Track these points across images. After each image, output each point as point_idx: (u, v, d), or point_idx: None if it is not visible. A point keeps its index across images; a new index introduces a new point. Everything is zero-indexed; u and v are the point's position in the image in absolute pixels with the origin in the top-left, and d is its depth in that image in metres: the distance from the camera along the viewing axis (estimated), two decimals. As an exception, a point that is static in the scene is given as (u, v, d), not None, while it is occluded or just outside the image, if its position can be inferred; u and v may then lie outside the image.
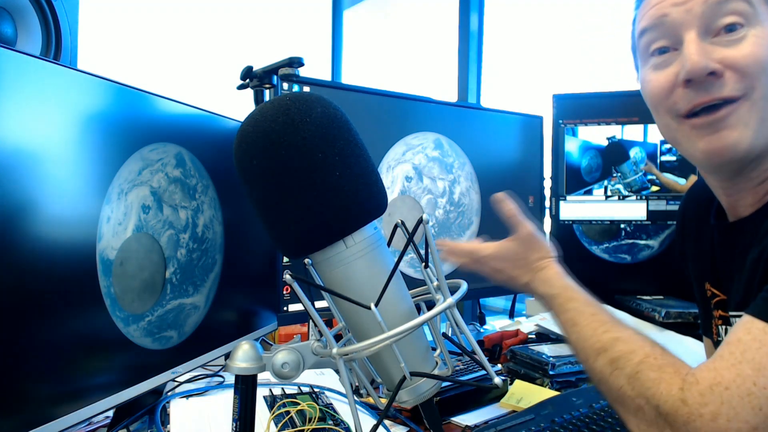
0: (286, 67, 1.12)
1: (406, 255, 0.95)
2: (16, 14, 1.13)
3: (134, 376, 0.84)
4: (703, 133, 0.67)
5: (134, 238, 0.83)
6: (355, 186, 0.54)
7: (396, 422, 0.97)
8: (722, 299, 0.79)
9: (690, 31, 0.66)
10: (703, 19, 0.66)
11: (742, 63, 0.64)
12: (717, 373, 0.55)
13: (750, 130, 0.65)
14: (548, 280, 0.78)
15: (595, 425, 0.87)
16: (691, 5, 0.66)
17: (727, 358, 0.55)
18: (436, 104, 1.36)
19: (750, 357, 0.54)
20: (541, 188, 1.59)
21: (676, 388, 0.56)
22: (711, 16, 0.65)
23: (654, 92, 0.71)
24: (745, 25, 0.65)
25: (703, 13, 0.66)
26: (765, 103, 0.65)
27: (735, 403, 0.52)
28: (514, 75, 2.58)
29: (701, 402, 0.54)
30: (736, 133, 0.65)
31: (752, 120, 0.65)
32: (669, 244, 1.61)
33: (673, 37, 0.69)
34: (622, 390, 0.61)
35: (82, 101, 0.74)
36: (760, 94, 0.65)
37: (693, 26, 0.66)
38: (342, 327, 0.63)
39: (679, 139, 0.71)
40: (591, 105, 1.62)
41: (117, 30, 2.53)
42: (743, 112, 0.65)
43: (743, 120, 0.65)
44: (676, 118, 0.70)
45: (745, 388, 0.52)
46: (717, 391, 0.53)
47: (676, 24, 0.67)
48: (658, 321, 1.39)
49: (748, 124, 0.65)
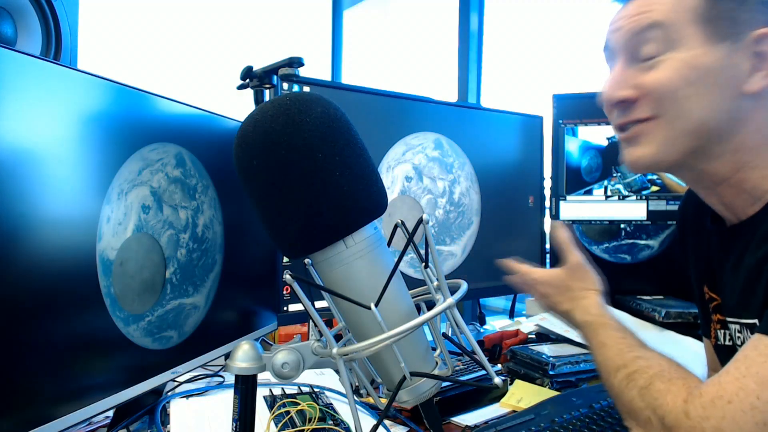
0: (286, 67, 1.12)
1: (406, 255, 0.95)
2: (16, 14, 1.14)
3: (134, 376, 0.84)
4: (624, 147, 0.75)
5: (134, 238, 0.83)
6: (355, 186, 0.54)
7: (396, 422, 0.97)
8: (719, 303, 0.79)
9: (620, 58, 0.73)
10: (628, 46, 0.71)
11: (652, 88, 0.69)
12: (720, 387, 0.55)
13: (653, 147, 0.71)
14: (587, 308, 0.81)
15: (595, 425, 0.87)
16: (618, 35, 0.73)
17: (732, 373, 0.55)
18: (436, 104, 1.36)
19: (754, 371, 0.54)
20: (541, 188, 1.59)
21: (680, 400, 0.56)
22: (634, 44, 0.71)
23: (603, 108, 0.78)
24: (664, 50, 0.68)
25: (627, 42, 0.71)
26: (673, 120, 0.69)
27: (738, 417, 0.52)
28: (514, 75, 2.58)
29: (703, 415, 0.54)
30: (639, 150, 0.72)
31: (657, 138, 0.70)
32: (669, 244, 1.61)
33: (614, 60, 0.75)
34: (633, 402, 0.62)
35: (82, 101, 0.74)
36: (671, 114, 0.69)
37: (621, 53, 0.72)
38: (342, 327, 0.63)
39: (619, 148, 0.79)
40: (591, 105, 1.59)
41: (117, 30, 2.53)
42: (649, 130, 0.71)
43: (648, 138, 0.71)
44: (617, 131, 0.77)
45: (748, 402, 0.52)
46: (719, 404, 0.53)
47: (614, 48, 0.74)
48: (658, 321, 1.39)
49: (652, 142, 0.70)
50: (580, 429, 0.87)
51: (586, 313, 0.80)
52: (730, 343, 0.76)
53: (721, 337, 0.79)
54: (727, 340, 0.78)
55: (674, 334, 1.34)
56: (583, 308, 0.81)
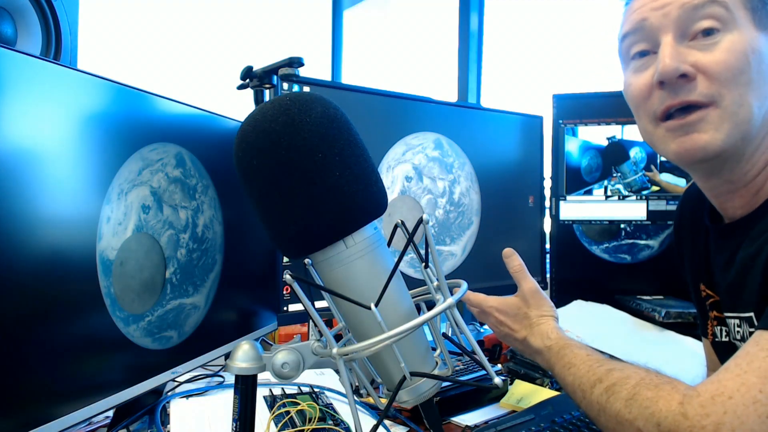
0: (286, 67, 1.12)
1: (406, 255, 0.95)
2: (16, 14, 1.13)
3: (134, 376, 0.84)
4: (675, 135, 0.69)
5: (134, 238, 0.83)
6: (355, 186, 0.54)
7: (396, 422, 0.97)
8: (716, 300, 0.79)
9: (667, 35, 0.68)
10: (679, 22, 0.67)
11: (714, 69, 0.65)
12: (720, 384, 0.54)
13: (721, 133, 0.66)
14: (546, 333, 0.81)
15: (595, 425, 0.87)
16: (668, 9, 0.68)
17: (732, 370, 0.55)
18: (436, 104, 1.36)
19: (756, 366, 0.53)
20: (541, 188, 1.59)
21: (675, 403, 0.55)
22: (687, 20, 0.67)
23: (634, 95, 0.73)
24: (722, 30, 0.66)
25: (679, 17, 0.67)
26: (736, 108, 0.66)
27: (740, 411, 0.51)
28: (514, 75, 2.58)
29: (702, 413, 0.53)
30: (706, 136, 0.67)
31: (723, 125, 0.66)
32: (669, 244, 1.61)
33: (652, 41, 0.70)
34: (620, 414, 0.60)
35: (82, 101, 0.74)
36: (730, 100, 0.65)
37: (670, 30, 0.68)
38: (342, 327, 0.63)
39: (654, 141, 0.73)
40: (591, 105, 1.62)
41: (117, 30, 2.53)
42: (714, 117, 0.66)
43: (714, 125, 0.66)
44: (653, 121, 0.71)
45: (750, 396, 0.51)
46: (719, 401, 0.52)
47: (654, 28, 0.69)
48: (658, 321, 1.39)
49: (719, 129, 0.66)
50: (580, 429, 0.87)
51: (546, 338, 0.80)
52: (727, 340, 0.77)
53: (719, 334, 0.79)
54: (724, 337, 0.78)
55: (674, 334, 1.34)
56: (541, 334, 0.81)
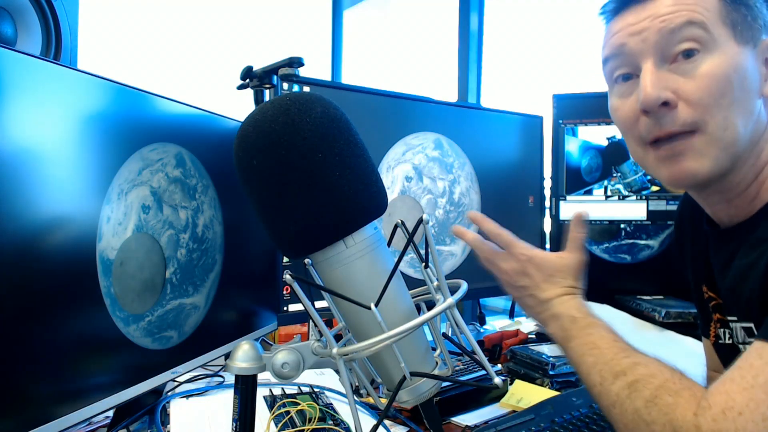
0: (286, 67, 1.12)
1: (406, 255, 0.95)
2: (16, 14, 1.14)
3: (134, 376, 0.84)
4: (665, 163, 0.69)
5: (134, 238, 0.83)
6: (355, 186, 0.54)
7: (396, 422, 0.97)
8: (719, 303, 0.79)
9: (647, 61, 0.68)
10: (658, 47, 0.67)
11: (695, 96, 0.65)
12: (729, 397, 0.54)
13: (708, 159, 0.67)
14: (575, 305, 0.75)
15: (595, 425, 0.87)
16: (646, 35, 0.67)
17: (738, 382, 0.55)
18: (436, 104, 1.36)
19: (762, 381, 0.53)
20: (541, 188, 1.59)
21: (690, 414, 0.55)
22: (666, 44, 0.67)
23: (621, 120, 0.73)
24: (701, 50, 0.66)
25: (657, 42, 0.67)
26: (721, 132, 0.66)
27: (750, 428, 0.51)
28: (514, 75, 2.58)
29: (714, 428, 0.53)
30: (695, 163, 0.67)
31: (710, 150, 0.66)
32: (669, 244, 1.61)
33: (633, 65, 0.70)
34: (638, 413, 0.59)
35: (82, 101, 0.74)
36: (715, 125, 0.65)
37: (650, 55, 0.68)
38: (342, 327, 0.63)
39: (646, 165, 0.73)
40: (591, 105, 1.62)
41: (117, 30, 2.53)
42: (700, 144, 0.66)
43: (700, 152, 0.67)
44: (642, 145, 0.71)
45: (759, 413, 0.52)
46: (730, 416, 0.53)
47: (634, 53, 0.69)
48: (658, 321, 1.39)
49: (706, 155, 0.67)
50: (580, 429, 0.87)
51: (572, 308, 0.74)
52: (731, 342, 0.77)
53: (723, 336, 0.79)
54: (728, 339, 0.78)
55: (674, 334, 1.34)
56: (567, 302, 0.75)
